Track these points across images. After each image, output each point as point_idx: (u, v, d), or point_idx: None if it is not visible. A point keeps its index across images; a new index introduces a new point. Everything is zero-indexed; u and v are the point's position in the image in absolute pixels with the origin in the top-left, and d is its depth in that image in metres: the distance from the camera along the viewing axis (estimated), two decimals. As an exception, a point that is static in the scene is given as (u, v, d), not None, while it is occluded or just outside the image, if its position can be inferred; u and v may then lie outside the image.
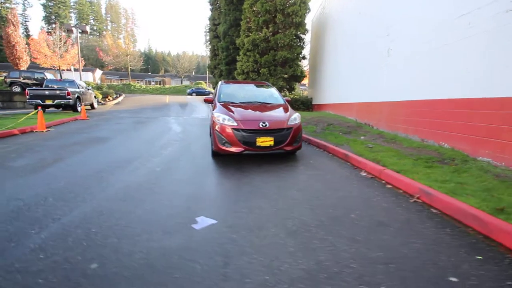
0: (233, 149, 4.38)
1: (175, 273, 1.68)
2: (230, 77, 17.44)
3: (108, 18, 56.34)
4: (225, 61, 17.18)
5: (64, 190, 3.15)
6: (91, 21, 48.95)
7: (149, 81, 48.84)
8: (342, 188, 3.33)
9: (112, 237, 2.10)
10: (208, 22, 53.51)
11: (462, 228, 2.27)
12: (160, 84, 45.61)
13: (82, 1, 50.23)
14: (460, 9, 4.53)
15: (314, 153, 5.41)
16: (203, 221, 2.38)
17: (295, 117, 4.77)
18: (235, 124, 4.39)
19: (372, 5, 7.87)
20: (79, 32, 18.81)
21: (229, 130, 4.38)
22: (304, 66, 15.64)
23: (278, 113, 4.79)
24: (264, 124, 4.38)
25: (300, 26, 13.57)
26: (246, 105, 5.07)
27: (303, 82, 18.43)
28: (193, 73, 53.53)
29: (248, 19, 14.54)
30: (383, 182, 3.54)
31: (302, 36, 14.19)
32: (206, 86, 38.20)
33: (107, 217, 2.46)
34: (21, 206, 2.67)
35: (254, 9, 14.10)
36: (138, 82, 41.87)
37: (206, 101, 5.74)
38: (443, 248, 1.97)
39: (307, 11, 13.62)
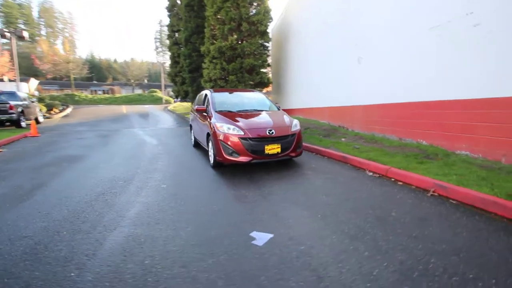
0: (241, 159, 4.30)
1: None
2: (194, 85, 17.00)
3: (42, 23, 50.32)
4: (188, 69, 16.71)
5: (73, 219, 2.74)
6: (21, 25, 43.08)
7: (95, 90, 44.72)
8: (361, 189, 3.51)
9: (175, 267, 1.90)
10: (159, 28, 51.53)
11: (486, 214, 2.59)
12: (108, 93, 42.11)
13: (10, 3, 44.06)
14: (431, 21, 5.17)
15: (309, 157, 5.58)
16: (261, 237, 2.30)
17: (296, 123, 4.89)
18: (242, 133, 4.33)
19: (342, 19, 8.49)
20: (17, 38, 16.45)
21: (235, 140, 4.30)
22: (269, 73, 16.01)
23: (281, 120, 4.85)
24: (271, 132, 4.40)
25: (264, 34, 13.93)
26: (246, 114, 5.03)
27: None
28: (146, 80, 50.71)
29: (212, 27, 14.44)
30: (392, 179, 3.84)
31: (266, 44, 14.57)
32: (162, 94, 36.53)
33: (155, 246, 2.22)
34: (34, 246, 2.24)
35: (219, 17, 14.06)
36: (82, 92, 38.11)
37: (198, 110, 5.52)
38: (487, 234, 2.23)
39: (270, 20, 14.05)
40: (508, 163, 3.86)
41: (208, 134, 5.03)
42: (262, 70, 14.39)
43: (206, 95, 6.14)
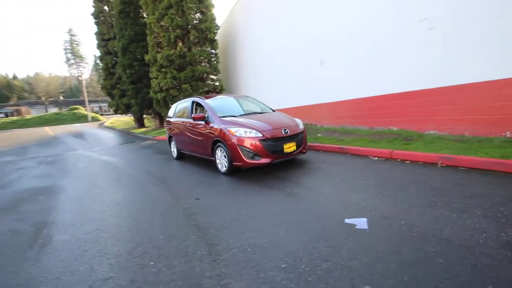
0: (263, 161, 4.34)
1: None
2: (138, 97, 15.69)
3: None
4: (130, 80, 15.36)
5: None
6: None
7: (-7, 113, 36.53)
8: (385, 171, 3.97)
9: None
10: (69, 37, 45.32)
11: (495, 173, 3.30)
12: (13, 115, 34.85)
13: None
14: (389, 27, 6.14)
15: (307, 153, 5.91)
16: (358, 221, 2.45)
17: (300, 121, 5.15)
18: (260, 135, 4.37)
19: (302, 26, 9.21)
20: None
21: (256, 142, 4.31)
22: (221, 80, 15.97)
23: (288, 119, 5.04)
24: (286, 131, 4.56)
25: (213, 42, 13.93)
26: (250, 117, 5.04)
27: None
28: (61, 97, 43.73)
29: (156, 34, 13.71)
30: (398, 160, 4.44)
31: (215, 51, 14.57)
32: (85, 111, 32.38)
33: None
34: None
35: (162, 24, 13.44)
36: (-27, 117, 30.74)
37: (195, 118, 5.27)
38: (507, 183, 2.87)
39: (217, 28, 14.13)
40: (471, 135, 4.92)
41: (215, 142, 4.86)
42: (213, 77, 14.31)
43: (195, 103, 5.91)
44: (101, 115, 37.25)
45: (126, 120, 21.89)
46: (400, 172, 3.84)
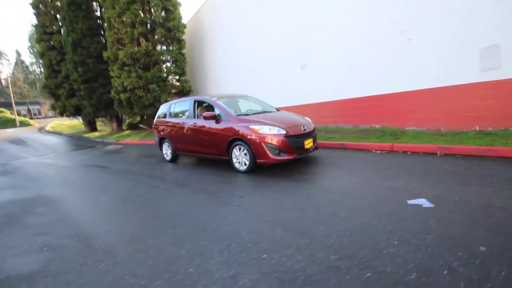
0: (288, 157, 4.48)
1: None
2: (93, 97, 14.13)
3: None
4: (83, 78, 13.78)
5: None
6: None
7: None
8: (402, 164, 4.41)
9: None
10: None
11: (489, 158, 4.04)
12: None
13: None
14: (371, 37, 6.89)
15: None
16: (420, 202, 2.79)
17: (310, 120, 5.42)
18: (284, 132, 4.49)
19: (286, 34, 9.57)
20: None
21: (281, 139, 4.43)
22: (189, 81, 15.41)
23: (299, 117, 5.26)
24: (304, 128, 4.78)
25: (181, 41, 13.46)
26: (266, 115, 5.11)
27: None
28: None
29: (116, 30, 12.64)
30: (400, 152, 5.05)
31: (183, 51, 14.08)
32: (11, 115, 27.71)
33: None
34: None
35: (124, 19, 12.47)
36: None
37: (206, 117, 5.10)
38: (504, 163, 3.58)
39: (185, 27, 13.70)
40: (446, 130, 5.85)
41: (232, 141, 4.80)
42: (182, 78, 13.80)
43: (198, 102, 5.74)
44: (31, 118, 32.01)
45: (71, 123, 19.28)
46: (412, 162, 4.39)
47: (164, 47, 13.42)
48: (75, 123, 18.11)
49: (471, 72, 5.38)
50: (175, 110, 6.31)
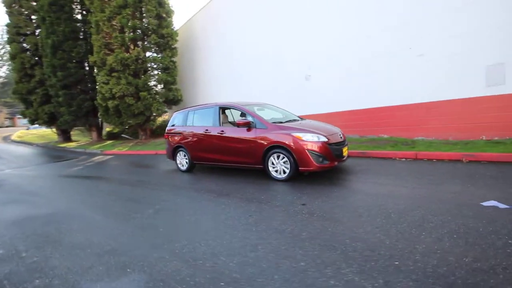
0: (329, 164, 4.48)
1: None
2: (74, 104, 12.99)
3: None
4: (62, 84, 12.71)
5: None
6: None
7: None
8: (437, 171, 4.53)
9: None
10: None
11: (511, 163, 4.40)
12: None
13: None
14: (372, 52, 7.30)
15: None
16: (495, 204, 2.91)
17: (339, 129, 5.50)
18: (326, 139, 4.49)
19: (292, 45, 9.75)
20: None
21: (324, 146, 4.42)
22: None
23: (330, 126, 5.29)
24: (341, 136, 4.83)
25: (174, 49, 13.15)
26: (300, 122, 5.09)
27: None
28: None
29: (104, 34, 12.00)
30: (425, 160, 5.29)
31: (175, 59, 13.73)
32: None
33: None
34: None
35: (114, 23, 11.90)
36: None
37: (240, 124, 4.93)
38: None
39: (177, 35, 13.42)
40: (455, 139, 6.30)
41: (269, 149, 4.68)
42: (173, 86, 13.38)
43: (222, 109, 5.57)
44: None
45: (40, 133, 17.41)
46: (445, 168, 4.62)
47: (155, 54, 12.98)
48: (46, 132, 16.42)
49: (478, 87, 5.91)
50: (194, 117, 6.03)
